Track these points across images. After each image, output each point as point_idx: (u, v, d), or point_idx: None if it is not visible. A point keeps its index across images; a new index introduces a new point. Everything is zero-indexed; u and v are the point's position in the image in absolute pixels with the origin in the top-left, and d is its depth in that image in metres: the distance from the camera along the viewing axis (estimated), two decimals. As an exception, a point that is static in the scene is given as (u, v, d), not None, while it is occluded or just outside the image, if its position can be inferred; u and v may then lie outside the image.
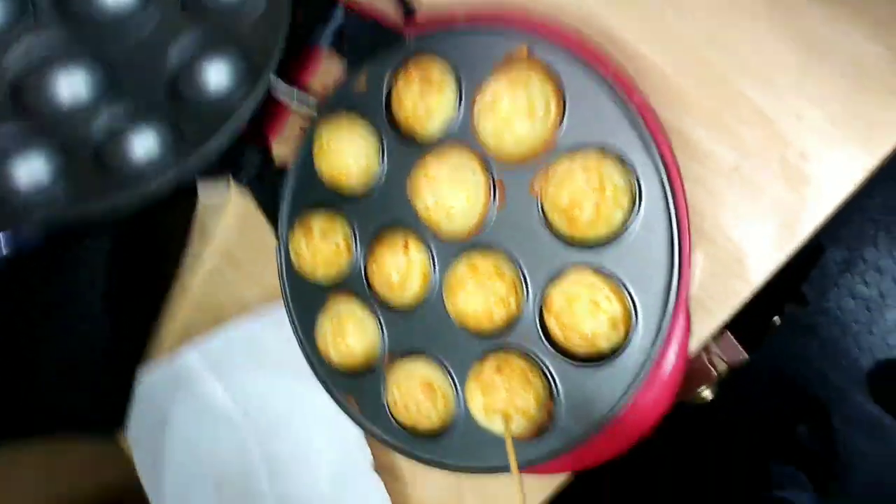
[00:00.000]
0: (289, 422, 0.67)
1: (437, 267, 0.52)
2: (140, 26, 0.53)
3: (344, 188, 0.55)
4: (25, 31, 0.51)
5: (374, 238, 0.54)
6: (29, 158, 0.54)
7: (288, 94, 0.58)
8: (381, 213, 0.54)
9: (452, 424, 0.52)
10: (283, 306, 0.61)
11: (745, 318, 0.49)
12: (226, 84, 0.56)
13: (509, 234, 0.49)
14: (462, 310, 0.49)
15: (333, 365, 0.57)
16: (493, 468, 0.50)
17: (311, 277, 0.58)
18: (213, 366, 0.71)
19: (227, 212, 0.69)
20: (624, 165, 0.44)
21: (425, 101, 0.49)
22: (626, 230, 0.44)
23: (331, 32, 0.55)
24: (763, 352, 1.12)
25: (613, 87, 0.44)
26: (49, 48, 0.52)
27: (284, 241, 0.59)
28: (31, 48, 0.51)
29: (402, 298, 0.53)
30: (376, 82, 0.53)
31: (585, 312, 0.43)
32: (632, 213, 0.44)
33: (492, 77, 0.47)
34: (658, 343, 0.43)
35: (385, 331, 0.55)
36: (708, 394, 0.57)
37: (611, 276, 0.44)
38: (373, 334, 0.55)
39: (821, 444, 1.11)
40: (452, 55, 0.50)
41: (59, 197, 0.55)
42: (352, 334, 0.55)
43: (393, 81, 0.52)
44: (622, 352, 0.44)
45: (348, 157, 0.53)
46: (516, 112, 0.45)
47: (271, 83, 0.55)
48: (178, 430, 0.74)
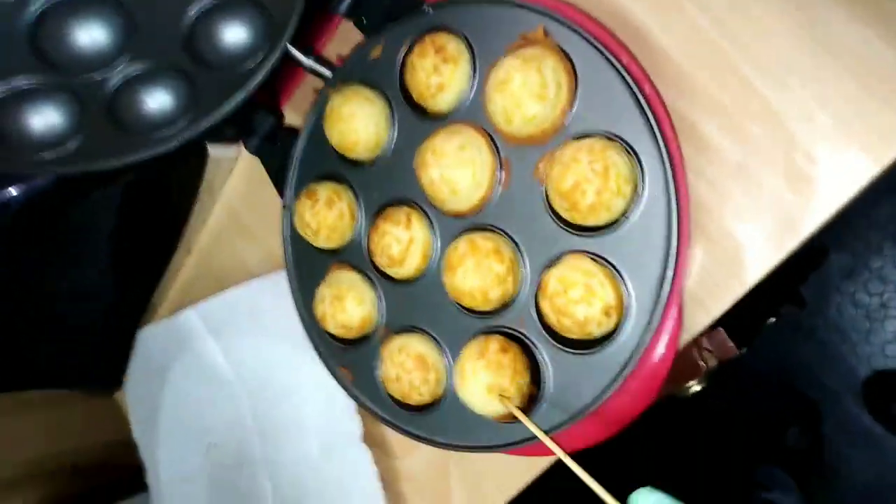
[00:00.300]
0: (282, 389, 0.68)
1: (439, 243, 0.52)
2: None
3: (351, 155, 0.56)
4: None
5: (377, 210, 0.55)
6: (44, 109, 0.54)
7: (303, 59, 0.58)
8: (386, 184, 0.55)
9: (443, 400, 0.53)
10: (284, 274, 0.61)
11: (740, 316, 0.50)
12: (243, 45, 0.55)
13: (511, 215, 0.49)
14: (459, 287, 0.49)
15: (329, 334, 0.58)
16: (481, 447, 0.51)
17: (314, 244, 0.58)
18: (213, 327, 0.71)
19: (234, 172, 0.70)
20: (629, 154, 0.44)
21: (439, 74, 0.49)
22: (626, 219, 0.44)
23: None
24: (760, 352, 1.12)
25: (626, 76, 0.44)
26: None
27: (290, 206, 0.60)
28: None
29: (401, 272, 0.53)
30: (392, 51, 0.53)
31: (579, 298, 0.44)
32: (633, 203, 0.44)
33: (506, 55, 0.47)
34: (649, 333, 0.43)
35: (383, 303, 0.56)
36: (697, 388, 0.57)
37: (607, 264, 0.45)
38: (370, 306, 0.56)
39: (810, 448, 1.11)
40: (469, 30, 0.50)
41: (72, 150, 0.55)
42: (350, 304, 0.55)
43: (408, 52, 0.52)
44: (613, 339, 0.44)
45: (358, 123, 0.53)
46: (528, 92, 0.45)
47: (287, 47, 0.55)
48: (175, 388, 0.75)
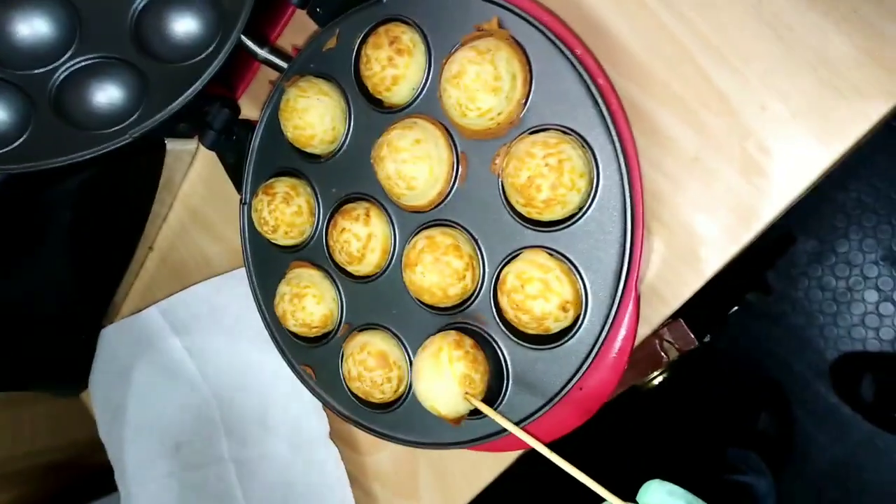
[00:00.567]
0: (248, 387, 0.67)
1: (398, 238, 0.52)
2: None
3: (308, 149, 0.54)
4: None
5: (336, 206, 0.54)
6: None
7: (257, 50, 0.57)
8: (344, 178, 0.54)
9: (406, 397, 0.52)
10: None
11: (702, 306, 0.49)
12: (194, 36, 0.54)
13: (469, 210, 0.48)
14: (419, 284, 0.48)
15: (291, 332, 0.57)
16: (445, 443, 0.50)
17: (272, 241, 0.57)
18: (176, 325, 0.70)
19: (194, 166, 0.68)
20: (584, 148, 0.43)
21: (394, 66, 0.48)
22: (581, 213, 0.43)
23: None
24: (728, 338, 1.13)
25: (579, 68, 0.43)
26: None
27: (248, 203, 0.59)
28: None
29: (361, 269, 0.53)
30: (347, 42, 0.52)
31: (537, 293, 0.43)
32: (589, 197, 0.43)
33: (460, 47, 0.46)
34: (607, 327, 0.43)
35: (343, 300, 0.55)
36: (660, 378, 0.58)
37: (564, 259, 0.44)
38: (331, 303, 0.55)
39: (780, 432, 1.12)
40: (424, 20, 0.49)
41: (19, 147, 0.54)
42: (310, 302, 0.54)
43: (363, 43, 0.51)
44: (572, 335, 0.44)
45: (313, 117, 0.52)
46: (482, 84, 0.44)
47: (241, 38, 0.54)
48: (140, 388, 0.74)
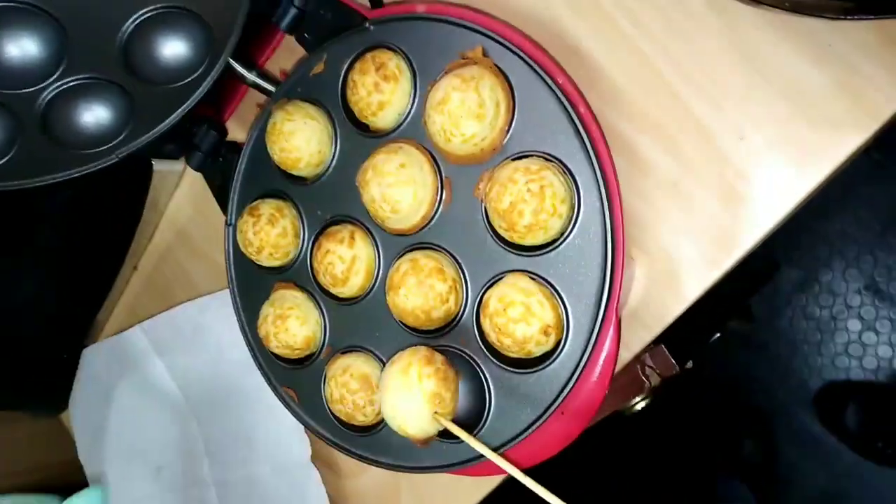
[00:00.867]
0: (230, 409, 0.66)
1: (382, 262, 0.52)
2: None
3: (294, 172, 0.55)
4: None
5: (321, 228, 0.54)
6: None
7: (245, 74, 0.57)
8: (330, 201, 0.54)
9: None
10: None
11: (684, 332, 0.50)
12: (182, 59, 0.55)
13: (453, 234, 0.48)
14: (402, 306, 0.49)
15: (273, 353, 0.57)
16: (426, 467, 0.50)
17: (257, 262, 0.57)
18: (159, 346, 0.70)
19: (181, 187, 0.68)
20: (565, 174, 0.44)
21: (380, 92, 0.49)
22: (563, 238, 0.44)
23: (292, 13, 0.54)
24: (712, 366, 1.13)
25: (561, 96, 0.44)
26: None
27: (233, 224, 0.59)
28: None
29: (345, 291, 0.53)
30: (334, 67, 0.53)
31: (518, 317, 0.43)
32: (570, 223, 0.44)
33: (445, 74, 0.47)
34: (588, 352, 0.43)
35: (327, 322, 0.55)
36: (642, 404, 0.58)
37: (545, 283, 0.44)
38: (315, 325, 0.55)
39: (765, 460, 1.12)
40: (410, 47, 0.49)
41: (4, 164, 0.54)
42: (293, 323, 0.54)
43: (349, 69, 0.52)
44: (553, 359, 0.44)
45: (299, 140, 0.53)
46: (466, 111, 0.44)
47: (230, 62, 0.54)
48: (121, 409, 0.73)
